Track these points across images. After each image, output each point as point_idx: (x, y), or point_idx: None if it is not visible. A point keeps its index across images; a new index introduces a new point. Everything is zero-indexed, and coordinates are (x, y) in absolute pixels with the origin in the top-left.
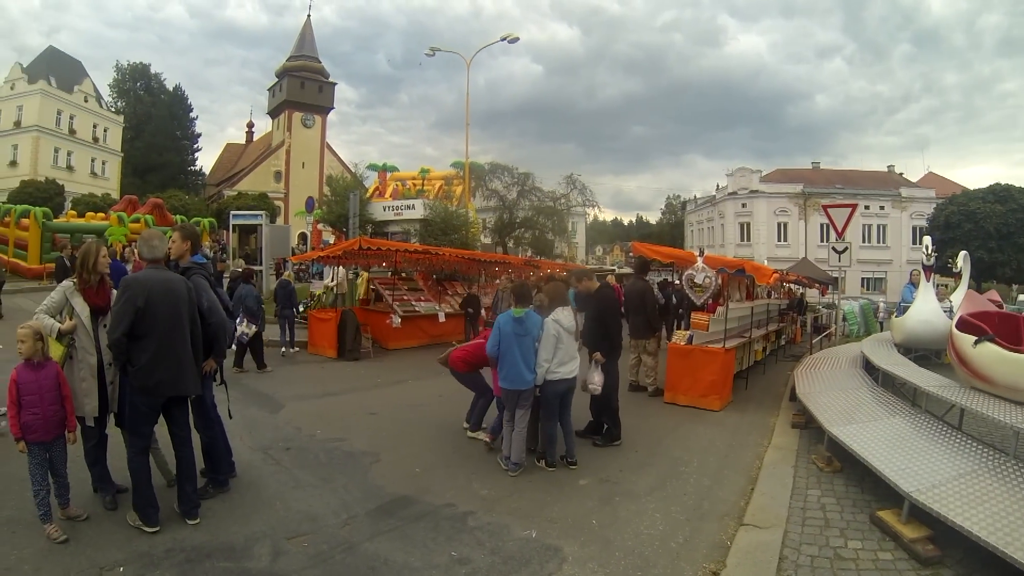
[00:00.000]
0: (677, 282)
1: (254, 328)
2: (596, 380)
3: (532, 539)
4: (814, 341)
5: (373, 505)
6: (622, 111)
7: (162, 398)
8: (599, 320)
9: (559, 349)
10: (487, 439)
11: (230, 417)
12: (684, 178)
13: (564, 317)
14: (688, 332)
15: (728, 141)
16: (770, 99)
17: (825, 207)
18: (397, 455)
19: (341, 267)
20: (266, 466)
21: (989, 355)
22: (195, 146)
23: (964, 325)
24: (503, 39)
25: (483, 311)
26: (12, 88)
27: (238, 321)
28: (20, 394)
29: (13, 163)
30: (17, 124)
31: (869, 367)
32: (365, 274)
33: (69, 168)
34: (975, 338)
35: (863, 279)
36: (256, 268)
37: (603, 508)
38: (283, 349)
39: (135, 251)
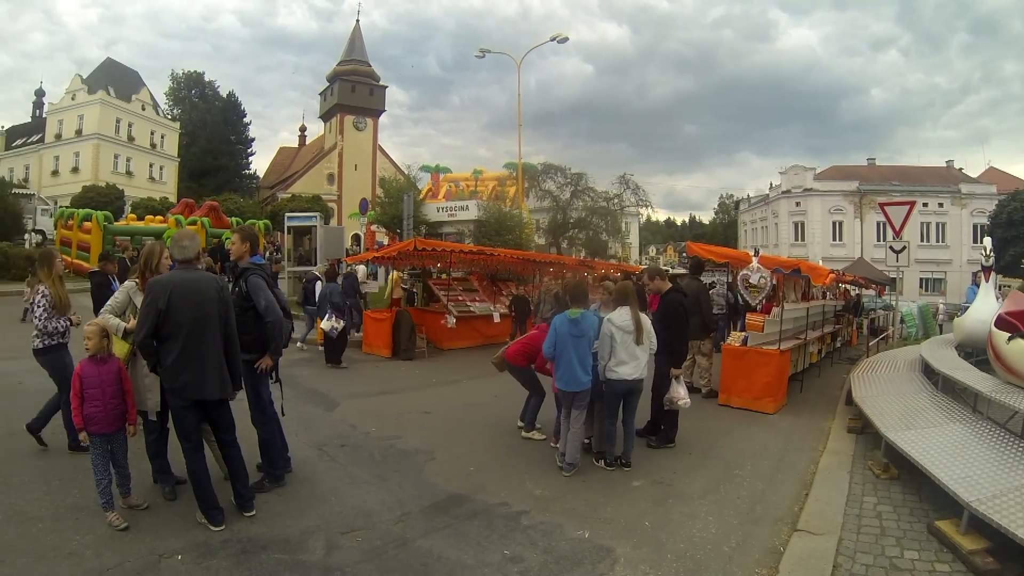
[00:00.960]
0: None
1: (341, 323)
2: (681, 393)
3: (585, 539)
4: (871, 344)
5: (427, 502)
6: (674, 110)
7: (189, 400)
8: (662, 324)
9: (615, 349)
10: (552, 442)
11: (283, 414)
12: (737, 177)
13: (619, 317)
14: (743, 333)
15: (781, 138)
16: (823, 94)
17: (882, 204)
18: (451, 453)
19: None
20: (321, 462)
21: (1020, 351)
22: (249, 150)
23: (1001, 322)
24: (552, 39)
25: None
26: (73, 99)
27: (326, 317)
28: (83, 387)
29: (75, 169)
30: (79, 132)
31: (928, 371)
32: (396, 274)
33: (128, 173)
34: (1008, 335)
35: (922, 279)
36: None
37: (656, 510)
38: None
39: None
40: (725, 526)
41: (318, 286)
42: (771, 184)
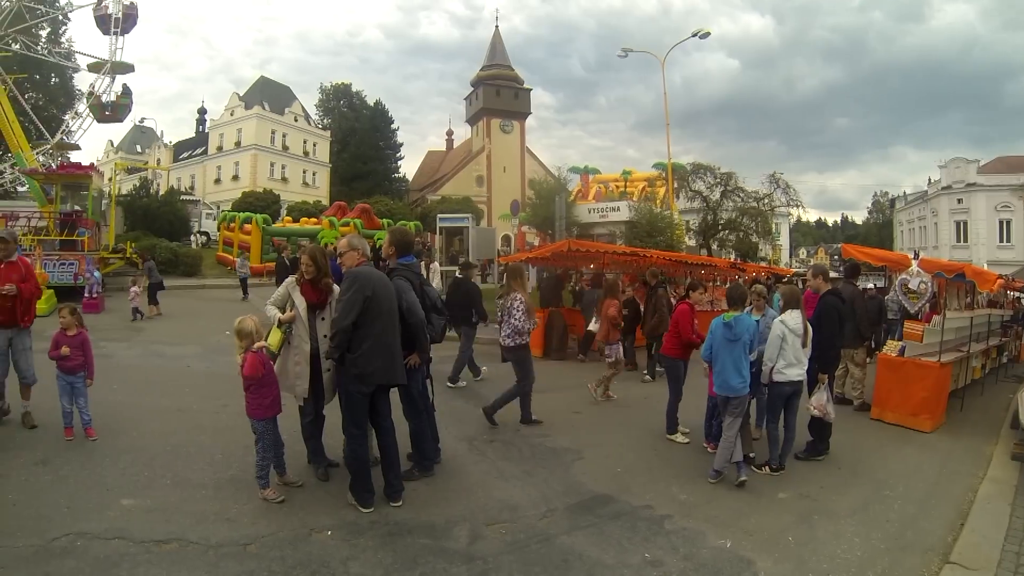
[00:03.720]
0: (871, 287)
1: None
2: (822, 401)
3: (726, 549)
4: None
5: (573, 500)
6: (823, 102)
7: (374, 386)
8: (815, 326)
9: (784, 351)
10: (708, 448)
11: (434, 409)
12: (892, 173)
13: (791, 319)
14: (900, 343)
15: (939, 128)
16: (986, 76)
17: None
18: (599, 453)
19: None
20: (470, 455)
21: None
22: (397, 155)
23: None
24: (694, 35)
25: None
26: (232, 115)
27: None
28: (261, 377)
29: (235, 177)
30: (238, 144)
31: None
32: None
33: (283, 179)
34: None
35: None
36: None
37: (800, 525)
38: None
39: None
40: (871, 550)
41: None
42: (929, 180)
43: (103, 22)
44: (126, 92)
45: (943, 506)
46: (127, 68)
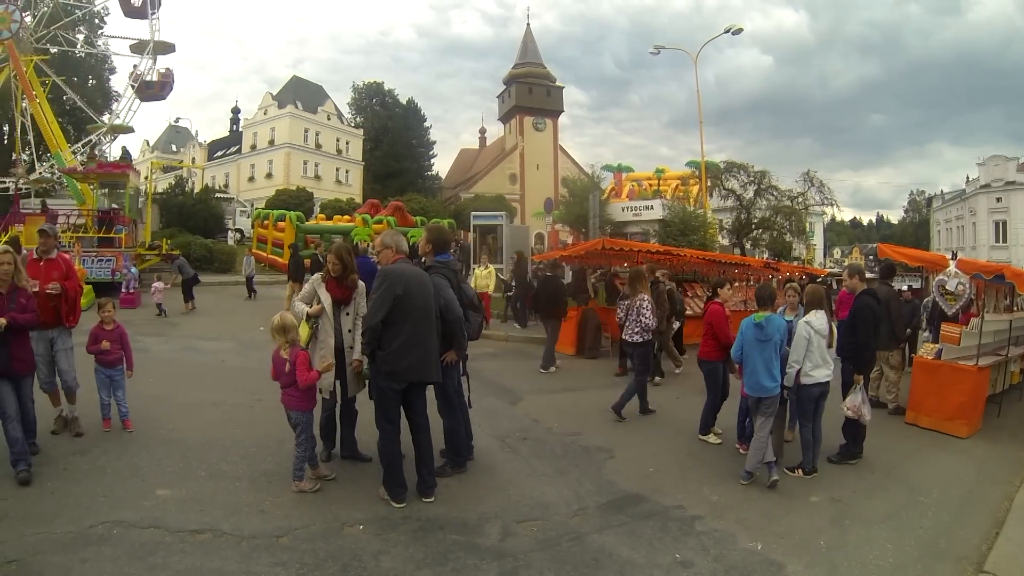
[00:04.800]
0: (906, 288)
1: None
2: (857, 403)
3: (757, 552)
4: None
5: (604, 499)
6: (858, 99)
7: (405, 383)
8: (850, 326)
9: (810, 351)
10: (740, 448)
11: (469, 406)
12: (929, 170)
13: (816, 320)
14: (937, 345)
15: (978, 124)
16: None
17: None
18: (631, 453)
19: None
20: (503, 453)
21: None
22: (430, 153)
23: None
24: (726, 31)
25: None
26: (265, 114)
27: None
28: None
29: (269, 175)
30: (271, 143)
31: None
32: (491, 268)
33: (316, 177)
34: None
35: None
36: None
37: (832, 529)
38: None
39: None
40: (904, 557)
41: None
42: (968, 178)
43: (132, 10)
44: (168, 72)
45: (978, 514)
46: (168, 48)
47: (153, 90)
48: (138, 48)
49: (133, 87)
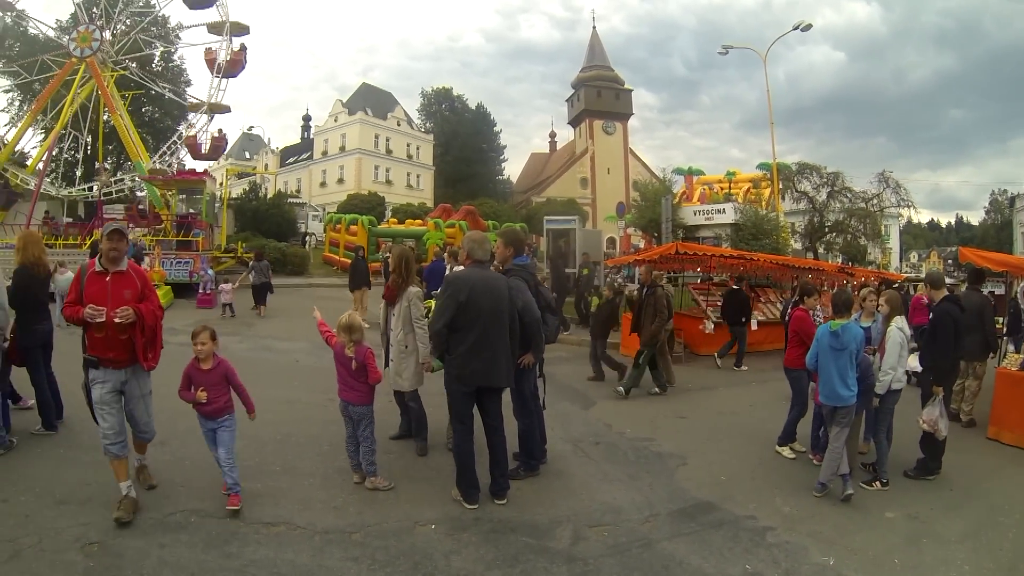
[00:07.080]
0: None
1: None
2: (934, 416)
3: (828, 567)
4: None
5: (676, 506)
6: (935, 94)
7: (473, 386)
8: (930, 336)
9: (901, 358)
10: (814, 459)
11: (544, 409)
12: (1012, 168)
13: (905, 325)
14: (1022, 356)
15: None
16: None
17: None
18: (704, 460)
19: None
20: (575, 457)
21: None
22: (501, 157)
23: None
24: (795, 28)
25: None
26: (336, 121)
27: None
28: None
29: (341, 180)
30: (342, 149)
31: None
32: None
33: (388, 182)
34: None
35: None
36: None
37: (907, 547)
38: None
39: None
40: None
41: None
42: None
43: (210, 65)
44: (243, 48)
45: None
46: (243, 30)
47: (228, 67)
48: (216, 29)
49: (215, 65)
